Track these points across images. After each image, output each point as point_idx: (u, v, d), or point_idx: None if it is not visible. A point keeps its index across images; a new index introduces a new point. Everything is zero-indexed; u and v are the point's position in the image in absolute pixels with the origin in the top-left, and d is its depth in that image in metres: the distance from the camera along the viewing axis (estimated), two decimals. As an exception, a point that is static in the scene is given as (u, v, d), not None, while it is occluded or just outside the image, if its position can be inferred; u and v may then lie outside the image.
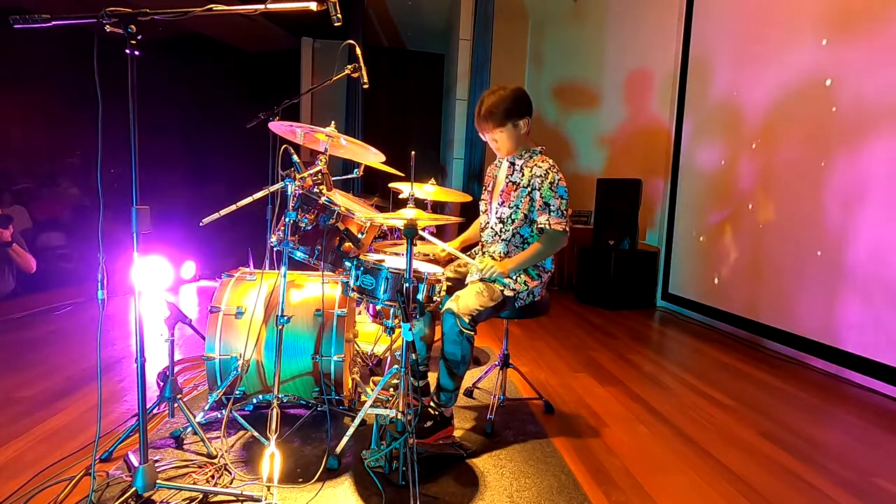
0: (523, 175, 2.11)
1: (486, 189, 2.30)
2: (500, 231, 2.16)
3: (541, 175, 2.05)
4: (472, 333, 1.91)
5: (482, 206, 2.30)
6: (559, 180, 2.04)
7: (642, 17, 5.32)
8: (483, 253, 2.25)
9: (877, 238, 2.88)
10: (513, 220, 2.12)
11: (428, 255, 2.34)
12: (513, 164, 2.16)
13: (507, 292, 2.04)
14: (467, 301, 1.92)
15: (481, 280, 2.00)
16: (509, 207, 2.12)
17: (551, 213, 2.04)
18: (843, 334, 3.05)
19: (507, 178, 2.17)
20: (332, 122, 2.04)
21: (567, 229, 2.06)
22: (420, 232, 2.16)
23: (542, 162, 2.08)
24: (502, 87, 2.10)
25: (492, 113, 2.05)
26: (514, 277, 2.07)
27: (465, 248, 2.33)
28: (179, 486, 1.59)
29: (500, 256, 2.15)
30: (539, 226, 2.07)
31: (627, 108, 5.59)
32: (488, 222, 2.22)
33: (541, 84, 6.67)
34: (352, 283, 1.83)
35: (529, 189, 2.08)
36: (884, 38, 2.87)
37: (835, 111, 3.16)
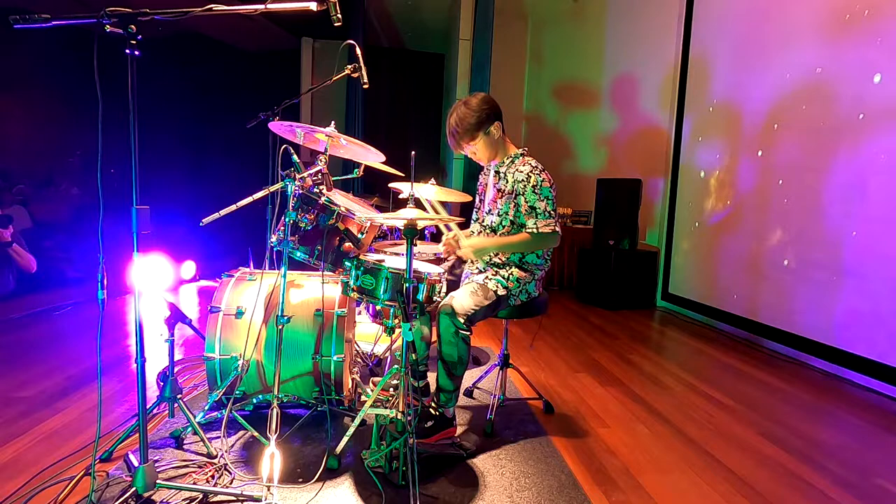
0: (507, 181, 2.11)
1: (478, 197, 2.31)
2: None
3: (523, 180, 2.05)
4: (468, 333, 1.91)
5: (474, 216, 2.31)
6: (542, 182, 2.03)
7: (642, 17, 5.32)
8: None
9: (877, 238, 2.88)
10: (503, 227, 2.13)
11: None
12: (498, 172, 2.18)
13: (500, 291, 2.04)
14: (462, 301, 1.92)
15: (446, 255, 2.00)
16: (498, 216, 2.14)
17: (538, 217, 2.04)
18: (843, 334, 3.05)
19: (493, 186, 2.18)
20: (332, 122, 2.04)
21: (557, 230, 2.05)
22: (427, 204, 2.15)
23: (524, 166, 2.08)
24: (464, 101, 2.08)
25: (459, 130, 2.05)
26: (506, 275, 2.07)
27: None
28: (179, 486, 1.59)
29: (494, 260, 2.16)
30: (528, 230, 2.07)
31: (627, 107, 5.59)
32: (481, 231, 2.23)
33: (541, 84, 6.67)
34: (352, 283, 1.83)
35: (514, 195, 2.08)
36: (884, 38, 2.87)
37: (835, 111, 3.15)
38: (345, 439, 1.79)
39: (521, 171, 2.07)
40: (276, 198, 1.87)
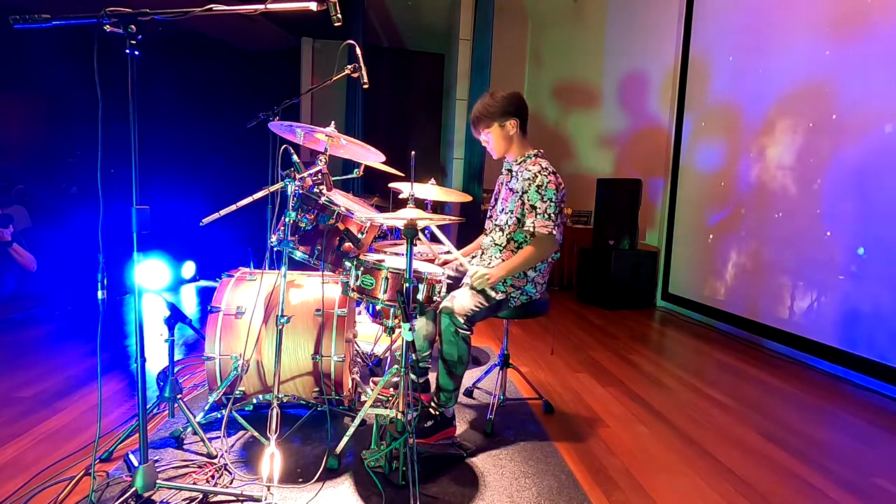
0: (517, 180, 2.13)
1: (493, 196, 2.33)
2: (497, 238, 2.18)
3: (529, 178, 2.06)
4: (468, 333, 1.92)
5: (489, 214, 2.32)
6: (548, 183, 2.03)
7: (642, 17, 5.32)
8: (481, 256, 2.26)
9: (877, 238, 2.88)
10: (508, 225, 2.14)
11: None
12: (510, 171, 2.19)
13: (499, 296, 2.05)
14: (462, 301, 1.92)
15: (471, 289, 1.99)
16: (506, 213, 2.15)
17: (537, 216, 2.03)
18: (843, 334, 3.04)
19: (506, 185, 2.20)
20: (332, 122, 2.04)
21: (554, 232, 2.02)
22: (436, 231, 2.18)
23: (533, 165, 2.09)
24: (496, 90, 2.14)
25: (480, 114, 2.12)
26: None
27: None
28: (179, 486, 1.59)
29: (496, 260, 2.16)
30: (527, 229, 2.07)
31: (627, 107, 5.59)
32: (492, 230, 2.24)
33: (541, 84, 6.66)
34: (352, 283, 1.83)
35: (521, 193, 2.09)
36: (883, 39, 2.87)
37: (834, 111, 3.15)
38: (345, 439, 1.79)
39: (530, 171, 2.07)
40: (276, 198, 1.87)
